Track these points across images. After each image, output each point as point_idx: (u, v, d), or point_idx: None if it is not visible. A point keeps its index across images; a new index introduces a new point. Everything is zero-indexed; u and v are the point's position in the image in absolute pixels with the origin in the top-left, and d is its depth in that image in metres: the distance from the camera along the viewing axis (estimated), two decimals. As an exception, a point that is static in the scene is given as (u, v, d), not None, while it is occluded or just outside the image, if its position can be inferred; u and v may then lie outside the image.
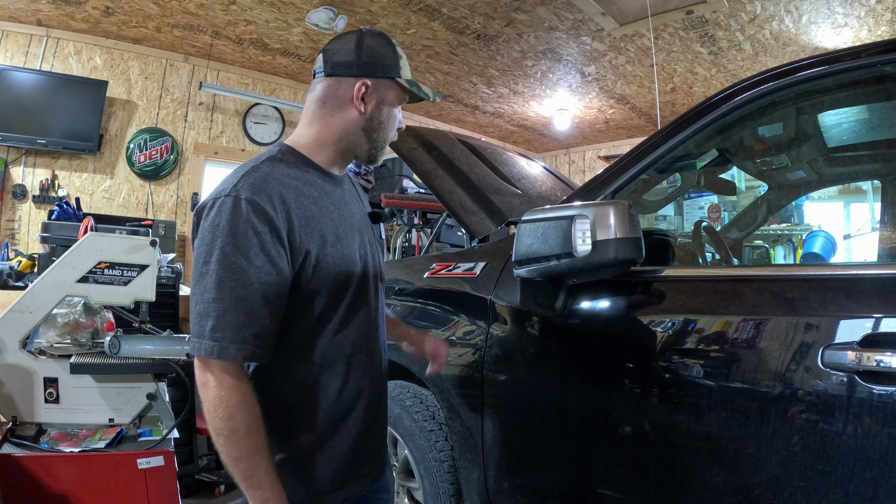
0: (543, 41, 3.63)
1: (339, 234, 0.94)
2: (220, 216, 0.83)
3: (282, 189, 0.87)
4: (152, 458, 1.53)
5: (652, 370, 1.07)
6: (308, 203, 0.90)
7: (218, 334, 0.81)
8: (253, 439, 0.84)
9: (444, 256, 1.70)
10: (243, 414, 0.83)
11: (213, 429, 0.83)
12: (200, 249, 0.85)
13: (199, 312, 0.83)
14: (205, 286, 0.82)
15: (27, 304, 1.59)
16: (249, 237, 0.82)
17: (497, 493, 1.39)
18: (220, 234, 0.82)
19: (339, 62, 0.96)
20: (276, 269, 0.84)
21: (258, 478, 0.85)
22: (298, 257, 0.87)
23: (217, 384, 0.83)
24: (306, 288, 0.89)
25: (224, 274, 0.81)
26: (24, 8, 3.31)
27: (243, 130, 4.39)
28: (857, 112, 1.55)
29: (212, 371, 0.83)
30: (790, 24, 3.23)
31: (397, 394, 1.67)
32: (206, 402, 0.84)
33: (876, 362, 0.81)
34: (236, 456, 0.84)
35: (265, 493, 0.85)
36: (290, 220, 0.86)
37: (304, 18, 3.36)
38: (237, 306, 0.81)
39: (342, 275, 0.92)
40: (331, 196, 0.96)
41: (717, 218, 3.41)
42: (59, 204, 2.97)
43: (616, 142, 6.05)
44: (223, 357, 0.82)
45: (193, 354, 0.85)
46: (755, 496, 0.92)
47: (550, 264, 1.12)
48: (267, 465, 0.86)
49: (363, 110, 0.96)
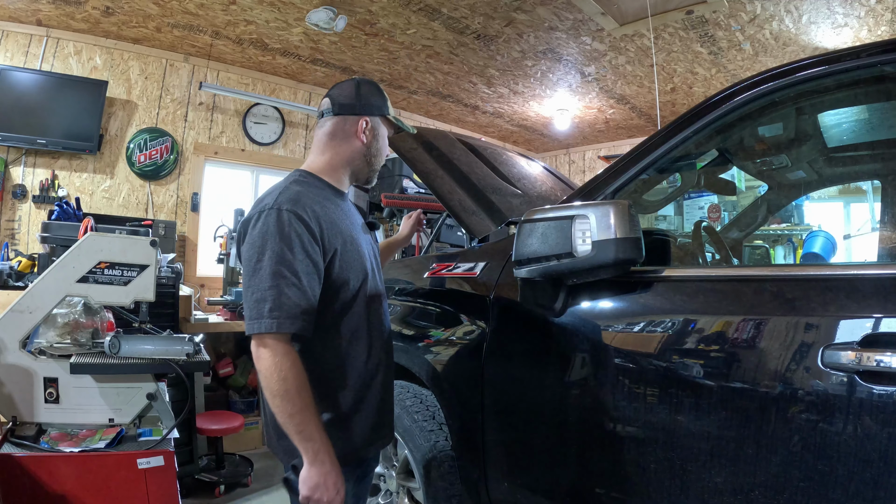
0: (543, 41, 3.63)
1: (352, 235, 1.19)
2: (267, 224, 1.06)
3: (311, 202, 1.11)
4: (152, 458, 1.53)
5: (652, 370, 1.07)
6: (330, 213, 1.14)
7: (276, 313, 1.01)
8: (304, 397, 1.02)
9: (444, 256, 1.70)
10: (295, 375, 1.02)
11: (269, 392, 1.02)
12: (252, 251, 1.06)
13: (257, 299, 1.03)
14: (260, 278, 1.03)
15: (27, 304, 1.59)
16: (293, 238, 1.05)
17: (497, 492, 1.39)
18: (269, 237, 1.04)
19: (344, 104, 1.23)
20: (314, 263, 1.07)
21: (309, 431, 1.02)
22: (328, 254, 1.11)
23: (272, 353, 1.01)
24: (335, 278, 1.12)
25: (277, 267, 1.03)
26: (24, 8, 3.31)
27: (243, 130, 4.39)
28: (857, 112, 1.55)
29: (267, 345, 1.02)
30: (790, 24, 3.23)
31: (397, 394, 1.66)
32: (263, 371, 1.02)
33: (876, 362, 0.81)
34: (290, 412, 1.01)
35: (316, 445, 1.02)
36: (320, 226, 1.10)
37: (304, 18, 3.36)
38: (289, 291, 1.02)
39: (359, 268, 1.18)
40: (341, 208, 1.22)
41: (717, 218, 3.41)
42: (59, 204, 2.97)
43: (616, 142, 6.04)
44: (281, 330, 1.01)
45: (251, 333, 1.03)
46: (755, 496, 0.92)
47: (550, 264, 1.12)
48: (316, 420, 1.04)
49: (365, 141, 1.24)
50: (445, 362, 1.53)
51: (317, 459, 1.02)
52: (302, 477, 1.03)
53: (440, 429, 1.56)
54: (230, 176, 4.46)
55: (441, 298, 1.62)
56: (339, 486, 1.03)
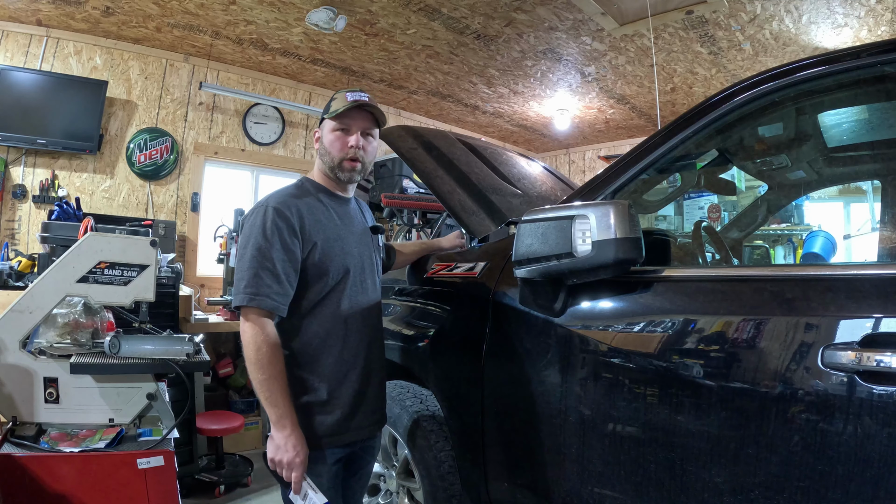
0: (543, 41, 3.63)
1: (338, 234, 1.33)
2: (256, 219, 1.25)
3: (297, 201, 1.29)
4: (152, 458, 1.53)
5: (652, 370, 1.07)
6: (317, 212, 1.31)
7: (250, 289, 1.19)
8: (274, 367, 1.17)
9: (445, 256, 1.70)
10: (268, 347, 1.17)
11: (246, 360, 1.17)
12: (242, 240, 1.25)
13: (238, 279, 1.22)
14: (243, 263, 1.22)
15: (27, 304, 1.59)
16: (274, 231, 1.22)
17: (497, 493, 1.39)
18: (255, 229, 1.23)
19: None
20: (291, 252, 1.23)
21: (275, 398, 1.16)
22: (308, 246, 1.26)
23: (251, 326, 1.18)
24: (314, 269, 1.27)
25: (254, 252, 1.21)
26: (24, 8, 3.31)
27: (243, 130, 4.39)
28: (857, 112, 1.55)
29: (249, 318, 1.18)
30: (790, 24, 3.23)
31: (397, 394, 1.66)
32: (244, 340, 1.18)
33: (876, 362, 0.81)
34: (260, 379, 1.16)
35: (279, 410, 1.16)
36: (302, 221, 1.26)
37: (304, 18, 3.36)
38: (263, 273, 1.19)
39: (341, 264, 1.31)
40: (335, 210, 1.36)
41: (717, 218, 3.41)
42: (59, 204, 2.97)
43: (616, 142, 6.04)
44: (252, 304, 1.18)
45: (234, 307, 1.21)
46: (755, 496, 0.92)
47: (550, 264, 1.12)
48: (283, 389, 1.17)
49: (317, 147, 1.40)
50: (445, 362, 1.53)
51: (279, 423, 1.15)
52: (268, 442, 1.18)
53: (440, 429, 1.56)
54: (230, 176, 4.45)
55: (441, 298, 1.62)
56: (298, 448, 1.16)
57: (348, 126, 1.34)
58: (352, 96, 1.32)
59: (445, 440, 1.53)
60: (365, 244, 1.41)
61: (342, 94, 1.34)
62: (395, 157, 3.19)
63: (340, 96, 1.34)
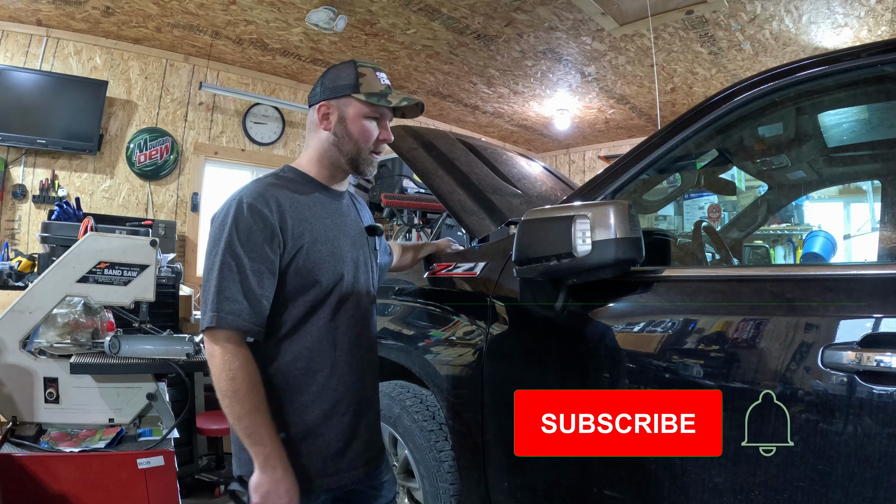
0: (543, 41, 3.63)
1: (329, 235, 1.08)
2: (227, 216, 1.01)
3: (278, 195, 1.04)
4: (152, 458, 1.53)
5: (652, 370, 1.07)
6: (302, 208, 1.06)
7: (218, 307, 0.96)
8: (254, 399, 0.96)
9: (445, 256, 1.70)
10: (244, 375, 0.95)
11: (219, 391, 0.96)
12: (210, 243, 1.02)
13: (205, 292, 0.99)
14: (211, 274, 0.99)
15: (27, 304, 1.59)
16: (247, 232, 0.99)
17: (497, 493, 1.39)
18: (225, 229, 1.00)
19: (312, 95, 1.14)
20: (266, 259, 0.99)
21: (259, 434, 0.95)
22: (293, 250, 1.02)
23: (221, 351, 0.96)
24: (297, 278, 1.03)
25: (224, 260, 0.98)
26: (24, 8, 3.31)
27: (243, 130, 4.39)
28: (857, 112, 1.55)
29: (217, 340, 0.96)
30: (790, 24, 3.23)
31: (397, 394, 1.66)
32: (214, 369, 0.96)
33: (876, 362, 0.81)
34: (239, 414, 0.95)
35: (266, 449, 0.95)
36: (283, 218, 1.02)
37: (304, 18, 3.36)
38: (233, 286, 0.97)
39: (331, 270, 1.07)
40: (325, 206, 1.11)
41: (717, 218, 3.41)
42: (59, 204, 2.97)
43: (616, 142, 6.04)
44: (221, 325, 0.95)
45: (202, 328, 0.98)
46: (755, 496, 0.92)
47: (550, 264, 1.12)
48: (267, 423, 0.96)
49: (329, 128, 1.11)
50: (445, 362, 1.53)
51: (267, 465, 0.95)
52: (252, 483, 0.96)
53: (440, 429, 1.56)
54: (230, 176, 4.46)
55: (441, 298, 1.62)
56: (291, 494, 0.96)
57: (383, 114, 1.12)
58: (384, 79, 1.11)
59: (445, 440, 1.53)
60: (360, 247, 1.16)
61: (370, 71, 1.11)
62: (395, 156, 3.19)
63: (370, 73, 1.10)
